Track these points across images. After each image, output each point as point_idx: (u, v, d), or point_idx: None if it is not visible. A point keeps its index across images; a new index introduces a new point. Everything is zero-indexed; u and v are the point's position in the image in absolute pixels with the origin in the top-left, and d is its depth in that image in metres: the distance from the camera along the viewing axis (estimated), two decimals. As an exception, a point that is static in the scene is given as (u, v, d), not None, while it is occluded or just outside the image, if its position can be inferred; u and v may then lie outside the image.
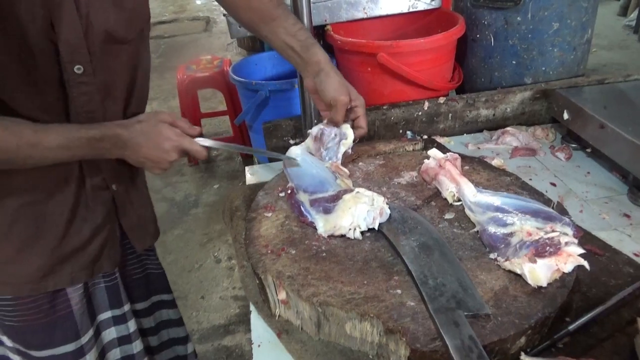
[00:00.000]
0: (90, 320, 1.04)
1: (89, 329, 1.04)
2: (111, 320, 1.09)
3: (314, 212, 0.92)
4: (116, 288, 1.08)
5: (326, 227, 0.89)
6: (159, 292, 1.23)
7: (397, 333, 0.68)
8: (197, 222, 2.93)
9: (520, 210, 0.84)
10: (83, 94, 0.87)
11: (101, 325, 1.08)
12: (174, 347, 1.29)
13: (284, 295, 0.80)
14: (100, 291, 1.06)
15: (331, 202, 0.91)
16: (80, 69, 0.84)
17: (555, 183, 1.19)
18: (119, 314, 1.09)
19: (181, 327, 1.30)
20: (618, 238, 0.99)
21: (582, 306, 0.80)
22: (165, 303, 1.25)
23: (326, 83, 1.00)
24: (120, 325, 1.10)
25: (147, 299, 1.20)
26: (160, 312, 1.24)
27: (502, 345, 0.68)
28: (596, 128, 1.18)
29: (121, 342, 1.12)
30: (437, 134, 1.43)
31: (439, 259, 0.80)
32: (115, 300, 1.08)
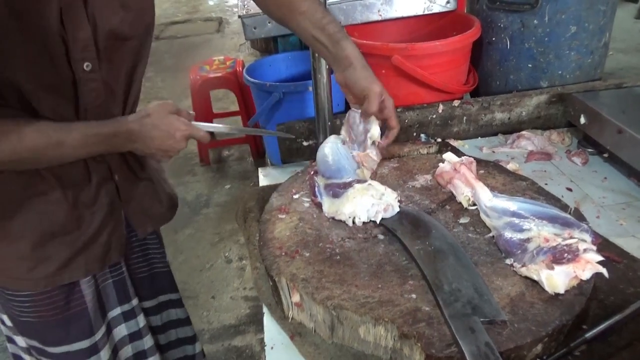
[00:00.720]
0: (102, 318, 1.06)
1: (102, 325, 1.05)
2: (121, 316, 1.10)
3: (324, 194, 0.99)
4: (123, 282, 1.09)
5: (329, 210, 0.96)
6: (166, 291, 1.23)
7: (412, 338, 0.68)
8: (208, 222, 2.94)
9: (537, 215, 0.83)
10: (92, 90, 0.89)
11: (112, 322, 1.09)
12: (182, 347, 1.30)
13: (298, 298, 0.80)
14: (109, 287, 1.07)
15: (342, 189, 0.96)
16: (89, 66, 0.86)
17: (572, 188, 1.18)
18: (127, 309, 1.10)
19: (189, 327, 1.31)
20: (636, 245, 0.97)
21: (600, 314, 0.79)
22: (172, 302, 1.25)
23: (355, 76, 0.99)
24: (130, 321, 1.11)
25: (154, 298, 1.20)
26: (168, 312, 1.24)
27: (519, 352, 0.67)
28: (614, 133, 1.17)
29: (132, 339, 1.12)
30: (451, 137, 1.42)
31: (454, 264, 0.79)
32: (123, 295, 1.09)
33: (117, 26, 0.88)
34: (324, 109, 1.26)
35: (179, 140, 0.94)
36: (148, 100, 4.76)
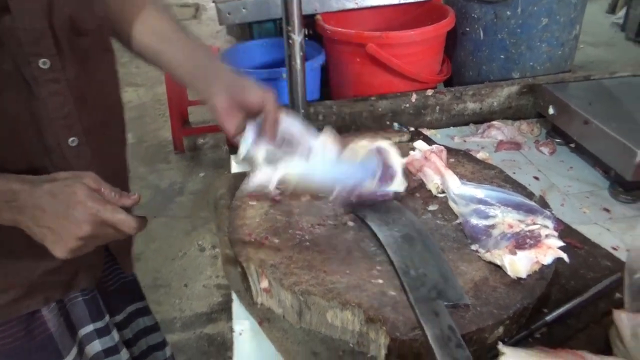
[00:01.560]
0: (71, 338, 0.97)
1: (72, 346, 0.96)
2: (94, 333, 1.01)
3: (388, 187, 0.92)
4: (95, 301, 1.00)
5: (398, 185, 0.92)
6: (134, 300, 1.16)
7: (378, 322, 0.69)
8: (182, 210, 2.92)
9: (503, 202, 0.85)
10: (54, 95, 0.74)
11: (84, 339, 1.00)
12: (153, 354, 1.24)
13: (267, 283, 0.80)
14: (79, 305, 0.98)
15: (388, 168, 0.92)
16: (47, 63, 0.72)
17: (539, 177, 1.20)
18: (101, 326, 1.02)
19: (158, 333, 1.24)
20: (597, 232, 1.00)
21: (560, 298, 0.81)
22: (140, 311, 1.18)
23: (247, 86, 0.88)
24: (104, 337, 1.03)
25: (123, 310, 1.13)
26: (137, 322, 1.18)
27: (481, 335, 0.69)
28: (580, 124, 1.20)
29: (108, 354, 1.04)
30: (424, 127, 1.44)
31: (422, 250, 0.80)
32: (96, 313, 1.00)
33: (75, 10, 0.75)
34: (298, 96, 1.26)
35: (78, 221, 0.66)
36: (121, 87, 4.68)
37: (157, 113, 4.07)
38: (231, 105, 0.87)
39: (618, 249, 0.95)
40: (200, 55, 0.92)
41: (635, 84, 1.35)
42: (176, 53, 0.91)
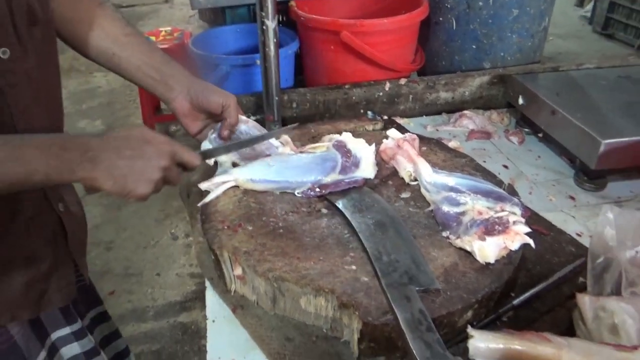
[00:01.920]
0: (39, 343, 0.91)
1: (39, 352, 0.91)
2: (71, 335, 0.97)
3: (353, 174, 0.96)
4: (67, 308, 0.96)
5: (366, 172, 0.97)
6: (93, 304, 1.12)
7: (350, 307, 0.70)
8: (154, 198, 2.83)
9: (473, 190, 0.87)
10: (12, 86, 0.71)
11: (58, 343, 0.95)
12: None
13: (240, 270, 0.80)
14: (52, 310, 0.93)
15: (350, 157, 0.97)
16: (7, 53, 0.69)
17: (508, 166, 1.23)
18: (78, 328, 0.98)
19: (121, 339, 1.20)
20: (563, 219, 1.04)
21: (527, 282, 0.84)
22: (101, 316, 1.14)
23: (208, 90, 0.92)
24: (83, 340, 0.98)
25: (86, 316, 1.08)
26: (100, 327, 1.14)
27: (450, 319, 0.70)
28: (548, 114, 1.23)
29: (88, 356, 1.00)
30: (397, 115, 1.45)
31: (394, 237, 0.81)
32: (70, 315, 0.96)
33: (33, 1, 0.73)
34: (271, 83, 1.25)
35: (155, 155, 0.72)
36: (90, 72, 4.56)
37: (128, 99, 3.98)
38: (191, 108, 0.93)
39: (582, 235, 0.99)
40: (158, 58, 0.92)
41: (600, 76, 1.39)
42: (133, 57, 0.91)
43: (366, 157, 0.99)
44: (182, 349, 1.98)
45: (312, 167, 0.96)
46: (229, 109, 0.94)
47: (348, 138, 1.02)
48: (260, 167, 0.95)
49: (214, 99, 0.93)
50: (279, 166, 0.95)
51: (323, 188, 0.93)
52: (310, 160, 0.98)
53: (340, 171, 0.96)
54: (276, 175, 0.94)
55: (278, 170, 0.95)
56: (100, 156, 0.69)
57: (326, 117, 1.41)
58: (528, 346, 0.66)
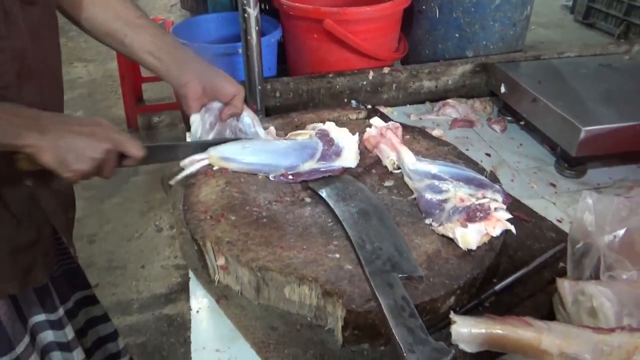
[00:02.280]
0: (22, 326, 0.93)
1: (24, 336, 0.93)
2: (46, 323, 0.99)
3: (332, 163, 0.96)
4: (47, 288, 0.98)
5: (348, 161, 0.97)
6: (79, 288, 1.13)
7: (334, 295, 0.70)
8: (137, 190, 2.84)
9: (455, 177, 0.87)
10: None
11: (35, 327, 0.98)
12: (105, 346, 1.21)
13: (223, 260, 0.79)
14: (29, 294, 0.95)
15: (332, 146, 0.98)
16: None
17: (490, 154, 1.24)
18: (54, 319, 1.00)
19: (109, 323, 1.22)
20: (544, 205, 1.05)
21: (508, 268, 0.85)
22: (87, 299, 1.16)
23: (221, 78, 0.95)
24: (58, 331, 1.00)
25: (70, 298, 1.10)
26: (85, 310, 1.15)
27: (433, 305, 0.71)
28: (530, 102, 1.24)
29: (61, 348, 1.02)
30: (381, 104, 1.45)
31: (377, 225, 0.82)
32: (49, 303, 0.98)
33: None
34: (254, 72, 1.24)
35: (101, 139, 0.74)
36: (70, 62, 4.46)
37: (109, 90, 3.92)
38: (203, 94, 0.95)
39: (562, 221, 1.00)
40: (169, 43, 0.94)
41: (581, 64, 1.40)
42: (145, 40, 0.92)
43: (349, 146, 0.99)
44: (168, 340, 1.98)
45: (289, 152, 0.97)
46: (237, 99, 0.97)
47: (331, 127, 1.02)
48: (235, 147, 0.96)
49: (227, 87, 0.95)
50: (254, 149, 0.97)
51: (296, 176, 0.93)
52: (288, 146, 0.99)
53: (320, 159, 0.96)
54: (250, 157, 0.95)
55: (253, 152, 0.96)
56: (49, 126, 0.71)
57: (310, 106, 1.40)
58: (509, 330, 0.67)
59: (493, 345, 0.68)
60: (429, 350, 0.60)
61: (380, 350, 0.73)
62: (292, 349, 0.73)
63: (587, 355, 0.63)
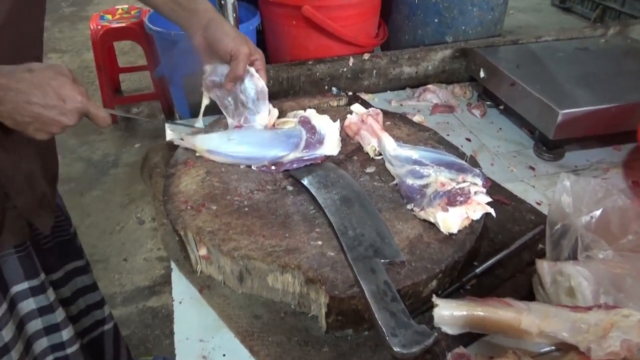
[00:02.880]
0: (2, 294, 0.95)
1: (1, 303, 0.95)
2: (28, 291, 1.00)
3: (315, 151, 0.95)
4: (30, 257, 0.98)
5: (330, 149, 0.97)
6: (71, 259, 1.16)
7: (317, 282, 0.70)
8: (118, 182, 2.80)
9: (436, 162, 0.88)
10: None
11: (16, 297, 0.99)
12: (92, 313, 1.25)
13: (205, 251, 0.79)
14: (12, 263, 0.96)
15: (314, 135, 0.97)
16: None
17: (470, 138, 1.25)
18: (36, 284, 1.01)
19: (96, 292, 1.25)
20: (523, 189, 1.06)
21: (489, 251, 0.86)
22: (78, 270, 1.18)
23: (222, 33, 0.91)
24: (39, 296, 1.02)
25: (60, 269, 1.13)
26: (75, 280, 1.18)
27: (415, 289, 0.72)
28: (508, 86, 1.25)
29: (42, 313, 1.04)
30: (361, 91, 1.44)
31: (359, 211, 0.82)
32: (31, 271, 0.99)
33: None
34: (232, 60, 1.22)
35: (68, 112, 0.72)
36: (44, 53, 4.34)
37: (86, 81, 3.83)
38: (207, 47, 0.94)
39: (541, 204, 1.02)
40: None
41: (558, 48, 1.42)
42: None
43: (330, 134, 0.99)
44: (153, 333, 1.97)
45: (274, 143, 0.96)
46: (237, 60, 0.92)
47: (312, 114, 1.02)
48: (219, 139, 0.95)
49: (223, 44, 0.91)
50: (239, 140, 0.95)
51: (279, 165, 0.93)
52: (273, 137, 0.98)
53: (304, 148, 0.95)
54: (235, 149, 0.94)
55: (239, 144, 0.95)
56: (6, 96, 0.68)
57: (290, 94, 1.39)
58: (490, 312, 0.68)
59: (474, 326, 0.69)
60: (411, 334, 0.61)
61: (364, 335, 0.73)
62: (276, 336, 0.73)
63: (565, 334, 0.65)
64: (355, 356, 0.70)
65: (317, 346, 0.72)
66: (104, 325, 1.29)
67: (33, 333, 1.05)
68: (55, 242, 1.10)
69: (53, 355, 1.10)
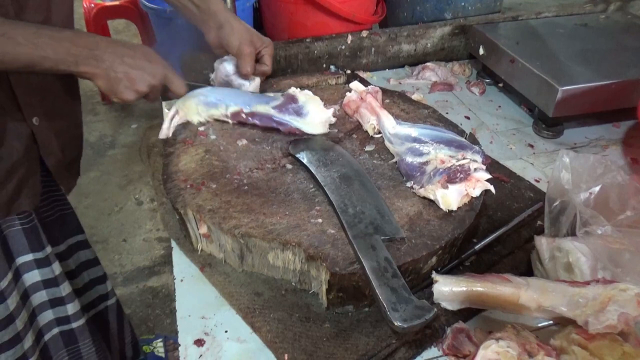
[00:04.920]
0: (7, 264, 0.98)
1: (7, 272, 0.97)
2: (33, 262, 1.02)
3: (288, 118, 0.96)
4: (35, 229, 1.01)
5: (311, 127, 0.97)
6: (73, 233, 1.18)
7: (318, 259, 0.70)
8: (115, 163, 2.79)
9: (435, 140, 0.88)
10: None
11: (21, 268, 1.02)
12: (95, 288, 1.27)
13: (206, 229, 0.79)
14: (17, 233, 0.98)
15: (293, 104, 0.98)
16: None
17: (469, 116, 1.24)
18: (41, 256, 1.03)
19: (98, 266, 1.28)
20: (522, 166, 1.06)
21: (488, 228, 0.87)
22: (80, 244, 1.21)
23: (230, 34, 1.00)
24: (44, 269, 1.04)
25: (63, 242, 1.15)
26: (77, 254, 1.20)
27: (415, 265, 0.72)
28: (508, 63, 1.24)
29: (47, 285, 1.06)
30: (360, 69, 1.43)
31: (359, 189, 0.82)
32: (36, 242, 1.01)
33: None
34: (229, 38, 1.20)
35: (153, 73, 0.83)
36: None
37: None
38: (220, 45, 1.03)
39: (540, 181, 1.02)
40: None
41: (558, 24, 1.40)
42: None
43: (315, 113, 0.98)
44: (154, 312, 1.98)
45: (247, 95, 1.02)
46: (242, 59, 1.01)
47: (304, 92, 1.01)
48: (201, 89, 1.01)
49: (232, 44, 1.00)
50: (219, 90, 1.03)
51: (250, 115, 0.97)
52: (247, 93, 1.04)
53: (275, 107, 0.97)
54: (211, 95, 0.99)
55: (215, 91, 1.01)
56: (104, 56, 0.79)
57: (288, 72, 1.38)
58: (489, 287, 0.69)
59: (474, 302, 0.70)
60: (412, 308, 0.62)
61: (364, 312, 0.74)
62: (277, 313, 0.74)
63: (563, 308, 0.66)
64: (356, 332, 0.71)
65: (318, 322, 0.72)
66: (108, 300, 1.31)
67: (38, 305, 1.07)
68: (58, 215, 1.12)
69: (59, 328, 1.12)
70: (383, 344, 0.69)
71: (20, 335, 1.00)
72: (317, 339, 0.70)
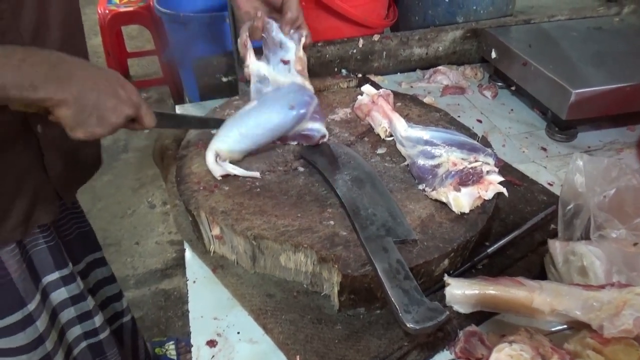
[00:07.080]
0: (34, 285, 0.95)
1: (35, 294, 0.95)
2: (59, 280, 1.00)
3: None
4: (58, 247, 0.99)
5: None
6: (91, 250, 1.17)
7: (330, 261, 0.70)
8: (128, 167, 2.82)
9: (447, 142, 0.87)
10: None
11: (48, 287, 1.00)
12: (112, 305, 1.26)
13: (218, 230, 0.79)
14: (42, 252, 0.96)
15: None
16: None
17: (481, 120, 1.24)
18: (67, 273, 1.01)
19: (115, 284, 1.26)
20: (535, 169, 1.06)
21: (501, 231, 0.86)
22: (97, 261, 1.19)
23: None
24: (70, 285, 1.02)
25: (82, 260, 1.14)
26: (95, 272, 1.19)
27: (428, 268, 0.72)
28: (520, 66, 1.23)
29: (75, 301, 1.04)
30: (371, 73, 1.43)
31: (371, 191, 0.82)
32: (61, 259, 0.99)
33: None
34: (242, 42, 1.21)
35: (129, 100, 0.69)
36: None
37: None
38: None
39: (553, 185, 1.01)
40: None
41: (571, 27, 1.39)
42: None
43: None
44: (166, 314, 2.00)
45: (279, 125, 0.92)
46: (289, 2, 0.93)
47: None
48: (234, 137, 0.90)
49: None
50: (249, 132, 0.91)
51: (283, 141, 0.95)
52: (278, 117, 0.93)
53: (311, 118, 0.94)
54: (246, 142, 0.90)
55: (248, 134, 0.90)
56: (73, 77, 0.63)
57: (300, 76, 1.38)
58: (502, 290, 0.68)
59: (486, 305, 0.69)
60: (424, 310, 0.62)
61: (376, 314, 0.74)
62: (289, 314, 0.74)
63: (577, 312, 0.65)
64: (368, 334, 0.71)
65: (329, 324, 0.72)
66: (123, 318, 1.29)
67: (66, 322, 1.05)
68: (76, 233, 1.11)
69: (86, 342, 1.10)
70: (395, 347, 0.69)
71: (50, 355, 0.98)
72: (329, 341, 0.70)
